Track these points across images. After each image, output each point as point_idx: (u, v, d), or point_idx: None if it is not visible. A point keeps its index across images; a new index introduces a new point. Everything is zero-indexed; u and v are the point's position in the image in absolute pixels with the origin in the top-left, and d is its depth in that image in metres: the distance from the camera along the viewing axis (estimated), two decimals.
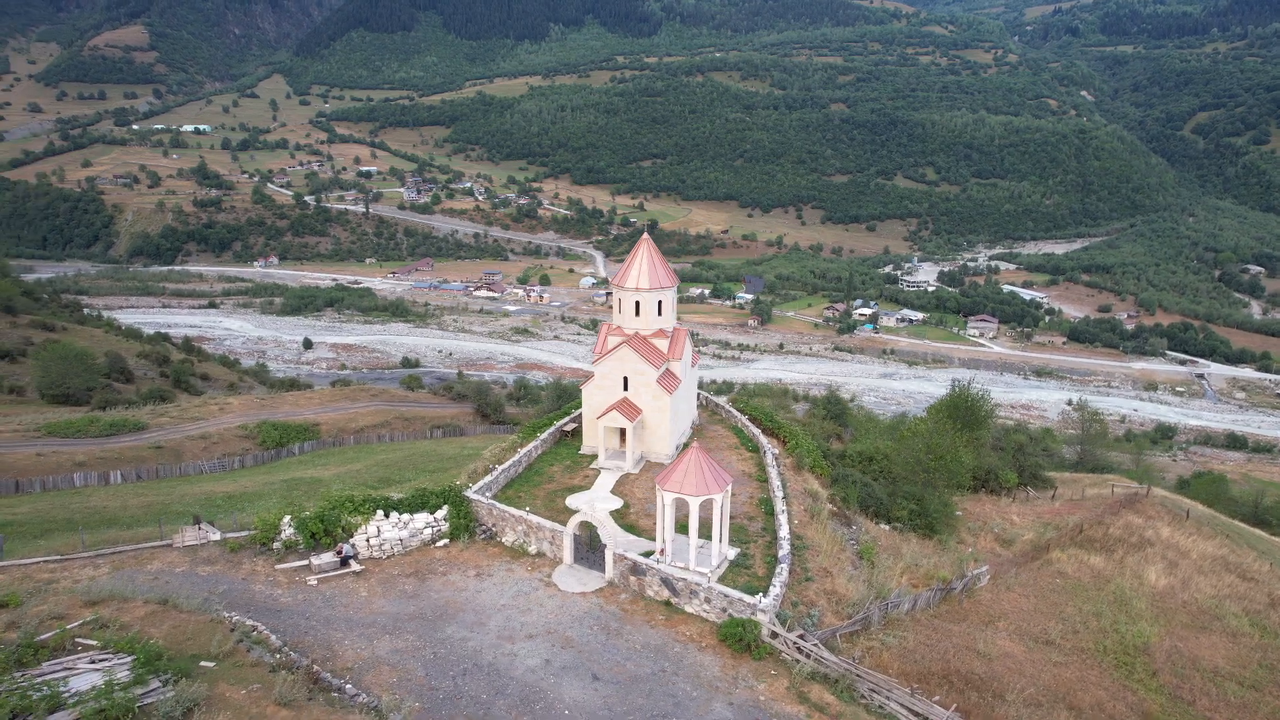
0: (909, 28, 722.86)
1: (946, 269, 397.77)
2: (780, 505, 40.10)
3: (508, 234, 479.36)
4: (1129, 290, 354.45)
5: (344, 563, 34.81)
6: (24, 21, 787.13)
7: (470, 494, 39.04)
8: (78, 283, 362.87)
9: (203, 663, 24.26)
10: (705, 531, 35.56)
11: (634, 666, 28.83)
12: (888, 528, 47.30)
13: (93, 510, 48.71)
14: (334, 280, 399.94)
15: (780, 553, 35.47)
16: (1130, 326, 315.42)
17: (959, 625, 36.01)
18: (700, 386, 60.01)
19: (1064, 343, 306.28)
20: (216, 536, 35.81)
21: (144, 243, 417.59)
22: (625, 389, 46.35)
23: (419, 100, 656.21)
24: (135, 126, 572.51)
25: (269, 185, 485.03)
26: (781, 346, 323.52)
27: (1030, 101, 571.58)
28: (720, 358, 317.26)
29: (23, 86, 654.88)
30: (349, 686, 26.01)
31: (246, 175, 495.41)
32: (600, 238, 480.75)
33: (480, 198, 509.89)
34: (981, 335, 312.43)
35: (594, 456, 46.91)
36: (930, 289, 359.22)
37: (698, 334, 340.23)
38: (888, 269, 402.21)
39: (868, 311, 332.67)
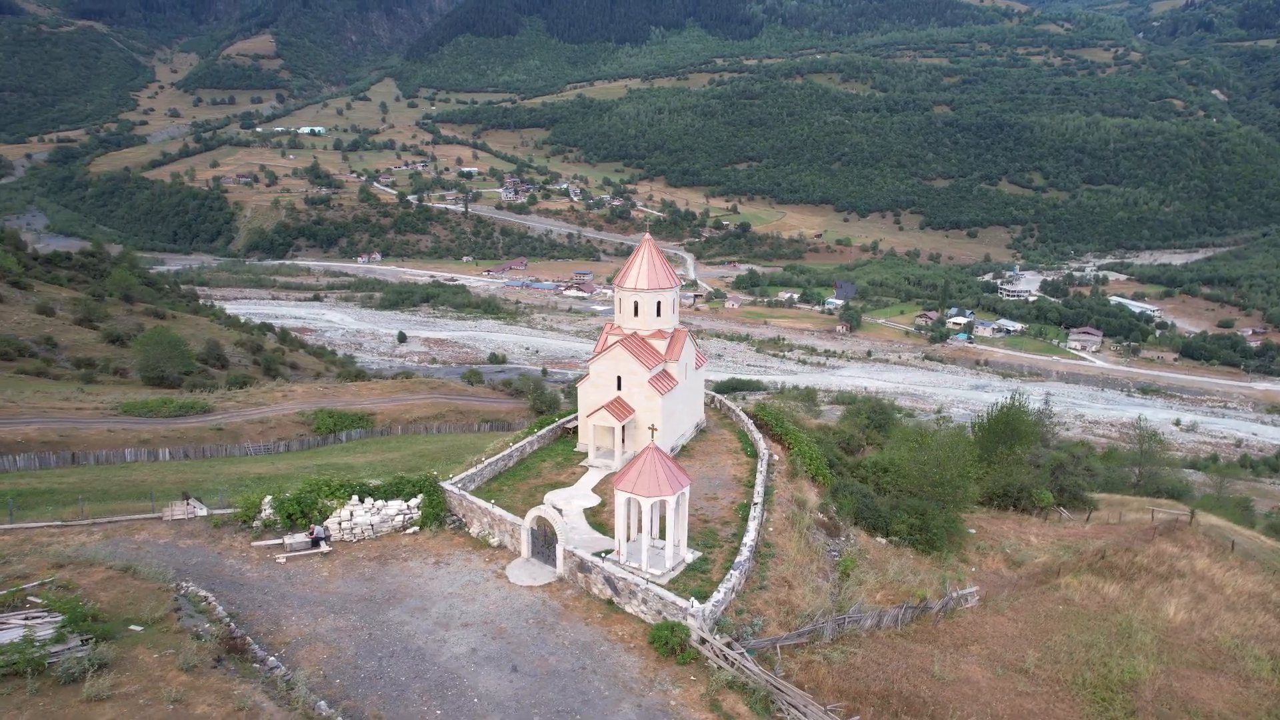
0: (1021, 27, 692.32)
1: (1050, 278, 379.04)
2: (755, 511, 39.44)
3: (600, 235, 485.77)
4: (1256, 305, 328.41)
5: (315, 544, 36.38)
6: (170, 34, 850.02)
7: (444, 484, 40.09)
8: (200, 274, 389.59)
9: (132, 626, 25.96)
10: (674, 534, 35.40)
11: (556, 661, 29.05)
12: (884, 541, 45.77)
13: (131, 483, 52.44)
14: (431, 277, 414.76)
15: (738, 559, 34.94)
16: (1255, 344, 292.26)
17: (924, 646, 34.53)
18: (779, 392, 59.47)
19: (1175, 359, 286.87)
20: (203, 512, 38.07)
21: (259, 238, 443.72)
22: (619, 388, 46.54)
23: (520, 103, 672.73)
24: (258, 129, 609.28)
25: (375, 184, 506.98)
26: (869, 354, 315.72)
27: (1152, 102, 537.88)
28: (805, 363, 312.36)
29: (165, 94, 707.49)
30: (272, 659, 27.29)
31: (355, 175, 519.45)
32: (692, 240, 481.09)
33: (575, 199, 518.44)
34: (1083, 348, 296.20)
35: (586, 454, 47.31)
36: (1031, 299, 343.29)
37: (783, 339, 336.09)
38: (987, 277, 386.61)
39: (962, 320, 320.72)
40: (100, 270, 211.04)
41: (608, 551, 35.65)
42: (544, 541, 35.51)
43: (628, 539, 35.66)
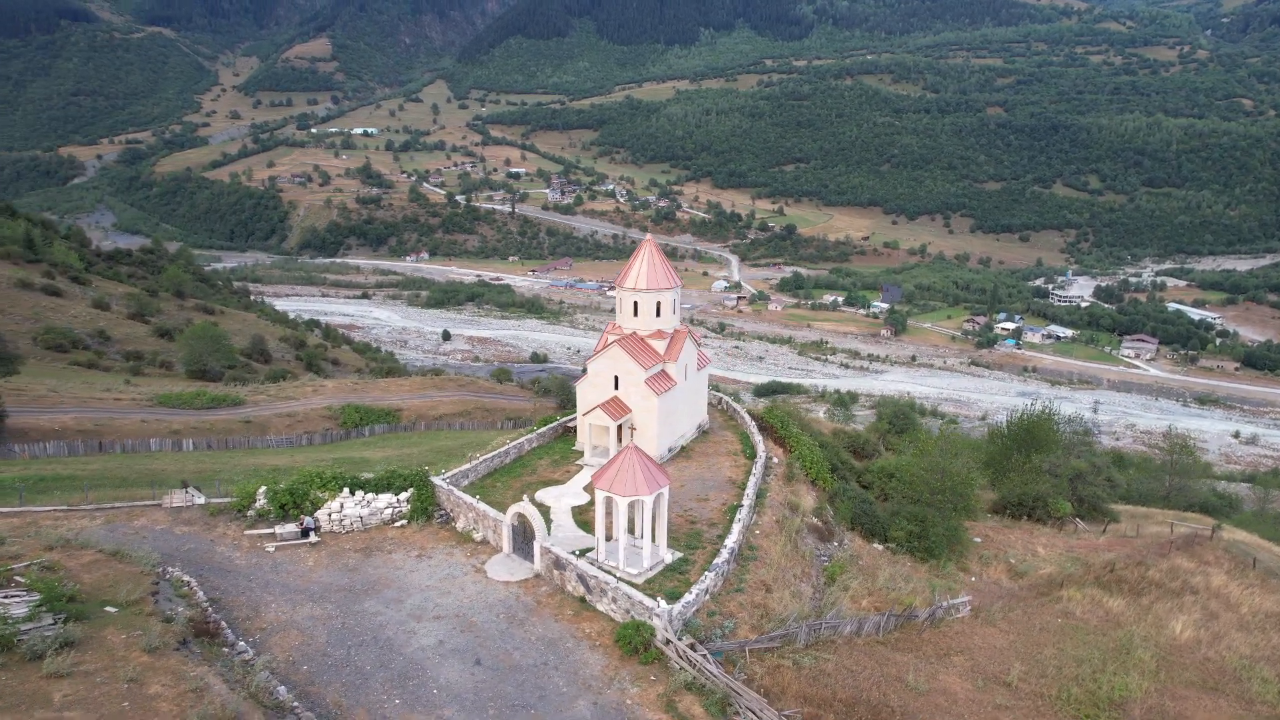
0: (1080, 25, 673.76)
1: (1104, 284, 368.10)
2: (742, 514, 39.21)
3: (646, 236, 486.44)
4: None
5: (304, 534, 37.26)
6: (233, 39, 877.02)
7: (434, 479, 40.68)
8: (254, 272, 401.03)
9: (108, 608, 26.95)
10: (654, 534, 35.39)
11: (520, 656, 29.29)
12: (881, 547, 45.06)
13: (151, 472, 54.21)
14: (477, 276, 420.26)
15: (715, 560, 34.79)
16: None
17: (905, 655, 33.94)
18: (819, 396, 59.19)
19: (1236, 369, 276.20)
20: (201, 501, 39.27)
21: (312, 236, 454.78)
22: (616, 388, 46.68)
23: (569, 104, 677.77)
24: (313, 130, 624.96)
25: (424, 185, 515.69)
26: (914, 358, 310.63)
27: (1219, 102, 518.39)
28: (847, 367, 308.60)
29: (227, 96, 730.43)
30: (242, 643, 28.05)
31: (405, 175, 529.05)
32: (737, 241, 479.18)
33: (621, 199, 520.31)
34: (1137, 356, 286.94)
35: (583, 453, 47.54)
36: (1083, 304, 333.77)
37: (826, 342, 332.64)
38: (1038, 282, 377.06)
39: (1011, 326, 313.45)
40: (157, 267, 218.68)
41: (589, 549, 35.83)
42: (525, 538, 35.82)
43: (608, 538, 35.79)
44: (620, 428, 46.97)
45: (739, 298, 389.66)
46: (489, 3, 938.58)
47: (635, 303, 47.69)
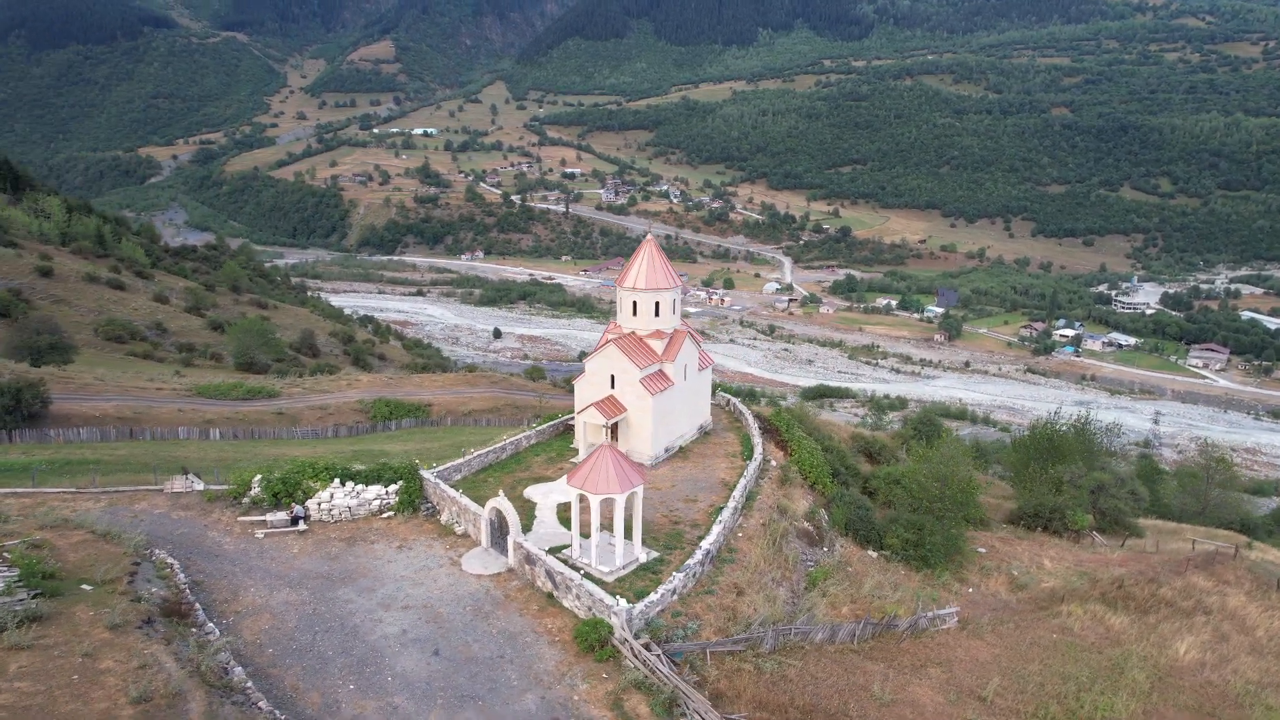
0: (1155, 22, 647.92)
1: (1172, 290, 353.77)
2: (724, 515, 39.01)
3: (698, 236, 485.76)
4: None
5: (294, 522, 38.36)
6: (301, 42, 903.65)
7: (422, 472, 41.43)
8: (314, 268, 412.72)
9: (84, 585, 28.22)
10: (630, 531, 35.50)
11: (478, 649, 29.70)
12: (875, 554, 44.28)
13: (173, 458, 56.31)
14: (530, 275, 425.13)
15: (689, 561, 34.70)
16: None
17: (877, 664, 33.32)
18: (867, 400, 58.79)
19: None
20: (200, 487, 40.75)
21: (370, 234, 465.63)
22: (612, 387, 46.87)
23: (625, 105, 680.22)
24: (375, 130, 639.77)
25: (481, 184, 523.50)
26: (967, 364, 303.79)
27: None
28: (898, 372, 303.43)
29: (294, 98, 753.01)
30: (210, 625, 29.06)
31: (463, 175, 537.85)
32: (790, 243, 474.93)
33: (674, 200, 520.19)
34: (1206, 366, 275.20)
35: (579, 451, 47.81)
36: (1149, 312, 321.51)
37: (877, 346, 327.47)
38: (1101, 288, 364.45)
39: (1070, 333, 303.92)
40: (219, 262, 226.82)
41: (567, 546, 36.10)
42: (502, 532, 36.25)
43: (584, 535, 36.00)
44: (615, 426, 47.17)
45: (790, 300, 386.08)
46: (548, 4, 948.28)
47: (634, 302, 47.81)
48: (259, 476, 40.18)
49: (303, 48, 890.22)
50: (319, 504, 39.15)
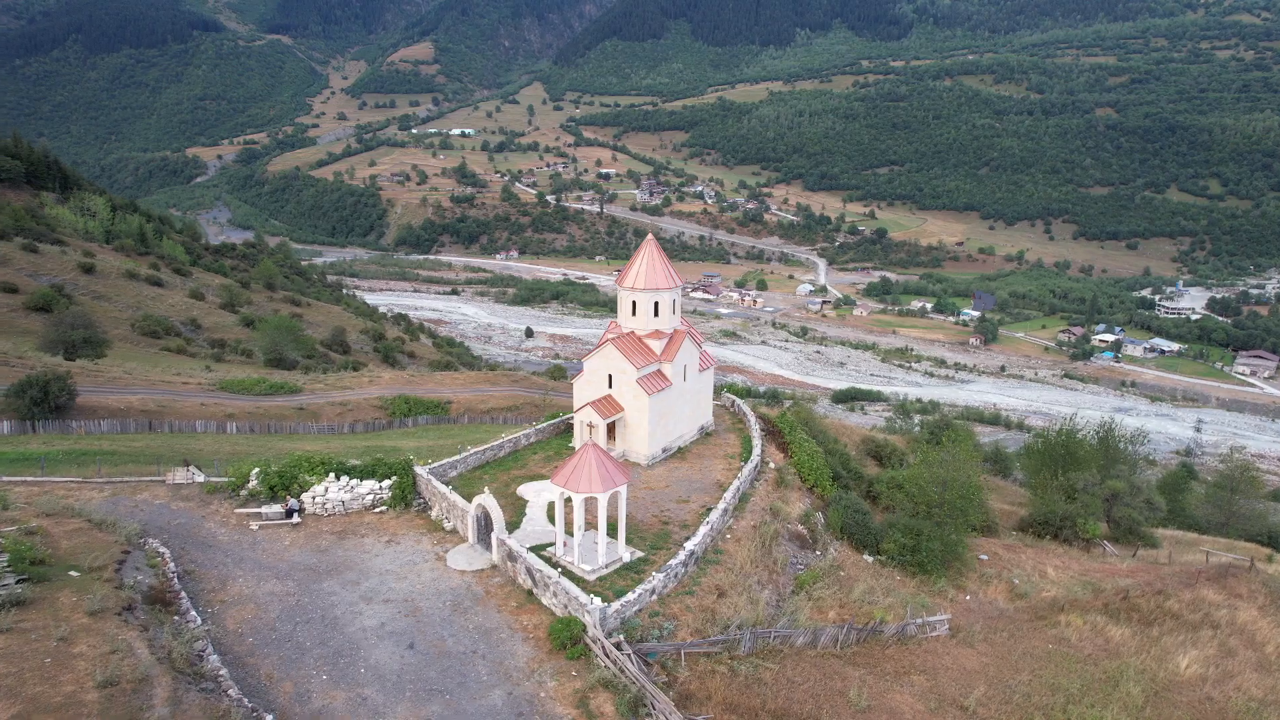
0: (1207, 18, 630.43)
1: (1220, 295, 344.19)
2: (713, 517, 38.87)
3: (732, 238, 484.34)
4: None
5: (288, 515, 39.05)
6: (343, 44, 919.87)
7: (416, 468, 41.91)
8: (351, 266, 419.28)
9: (71, 572, 29.04)
10: (614, 530, 35.57)
11: (453, 644, 29.96)
12: (871, 559, 43.77)
13: (188, 450, 57.72)
14: (564, 275, 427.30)
15: (671, 561, 34.64)
16: None
17: (858, 670, 32.94)
18: (899, 404, 58.39)
19: None
20: (200, 479, 41.69)
21: (407, 233, 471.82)
22: (610, 386, 46.97)
23: (661, 106, 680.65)
24: (414, 130, 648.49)
25: (517, 184, 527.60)
26: (1003, 369, 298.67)
27: None
28: (932, 376, 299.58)
29: (336, 99, 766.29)
30: (193, 613, 29.73)
31: (499, 175, 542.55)
32: (825, 245, 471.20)
33: (709, 201, 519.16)
34: (1253, 374, 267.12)
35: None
36: (1194, 317, 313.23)
37: (911, 349, 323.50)
38: (1144, 292, 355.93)
39: (1110, 338, 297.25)
40: (256, 260, 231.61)
41: (553, 544, 36.28)
42: (488, 529, 36.51)
43: (569, 533, 36.14)
44: (612, 425, 47.27)
45: (823, 302, 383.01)
46: (587, 5, 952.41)
47: (633, 302, 47.87)
48: (256, 470, 40.97)
49: (345, 49, 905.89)
50: (313, 497, 39.82)
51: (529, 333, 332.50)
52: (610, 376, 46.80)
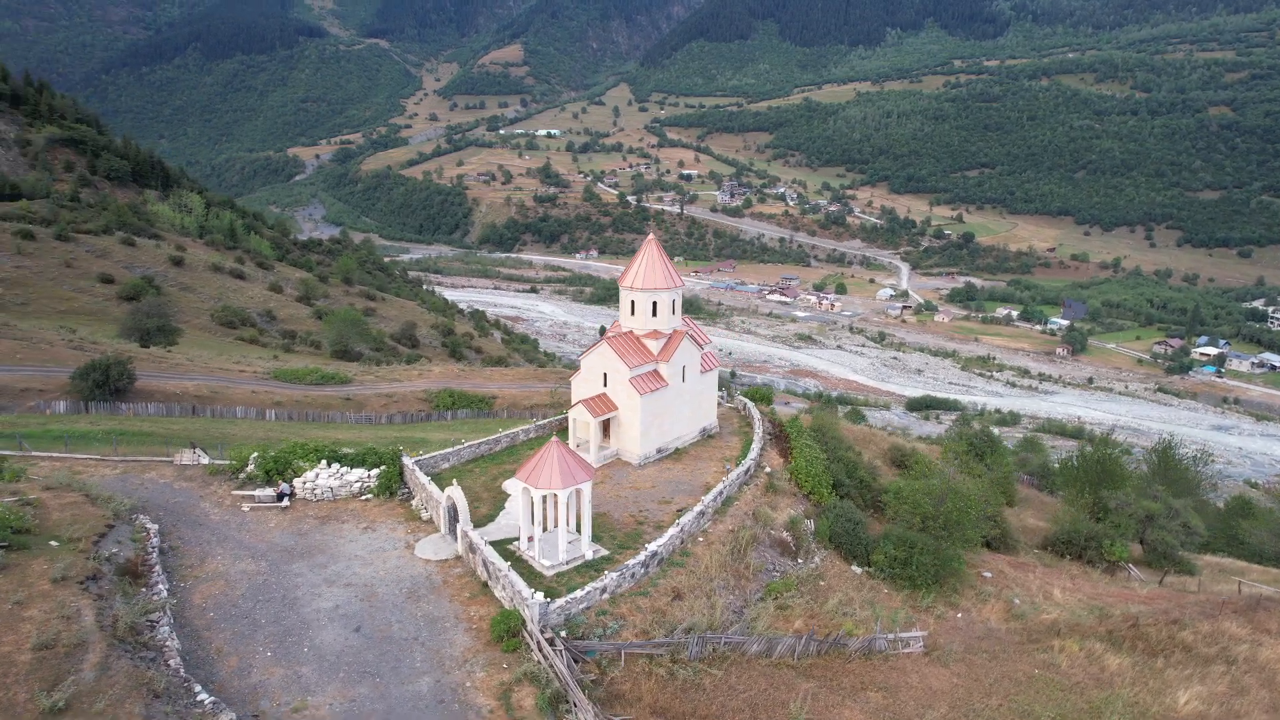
0: None
1: None
2: (685, 519, 38.56)
3: (813, 240, 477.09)
4: None
5: (279, 498, 40.74)
6: (437, 47, 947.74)
7: (404, 458, 43.02)
8: (435, 263, 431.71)
9: (51, 542, 31.08)
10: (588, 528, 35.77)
11: (398, 630, 30.71)
12: (859, 570, 42.55)
13: (223, 435, 60.74)
14: None
15: (629, 561, 34.58)
16: None
17: (811, 683, 32.15)
18: (976, 415, 57.49)
19: None
20: (205, 461, 43.88)
21: (491, 231, 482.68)
22: (604, 385, 47.14)
23: (746, 107, 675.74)
24: (501, 131, 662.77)
25: (599, 185, 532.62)
26: (1090, 381, 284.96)
27: None
28: (1014, 386, 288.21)
29: (428, 100, 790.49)
30: (161, 586, 31.40)
31: (582, 175, 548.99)
32: (909, 249, 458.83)
33: (790, 203, 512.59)
34: None
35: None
36: None
37: (993, 358, 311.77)
38: (1255, 303, 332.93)
39: (1212, 351, 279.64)
40: (340, 255, 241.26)
41: (529, 539, 36.73)
42: (456, 519, 37.22)
43: (533, 527, 36.51)
44: (606, 424, 47.43)
45: (903, 306, 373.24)
46: (674, 7, 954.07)
47: (632, 301, 47.90)
48: (255, 454, 42.87)
49: (438, 52, 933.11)
50: (304, 483, 41.39)
51: (603, 331, 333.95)
52: (605, 375, 46.97)
